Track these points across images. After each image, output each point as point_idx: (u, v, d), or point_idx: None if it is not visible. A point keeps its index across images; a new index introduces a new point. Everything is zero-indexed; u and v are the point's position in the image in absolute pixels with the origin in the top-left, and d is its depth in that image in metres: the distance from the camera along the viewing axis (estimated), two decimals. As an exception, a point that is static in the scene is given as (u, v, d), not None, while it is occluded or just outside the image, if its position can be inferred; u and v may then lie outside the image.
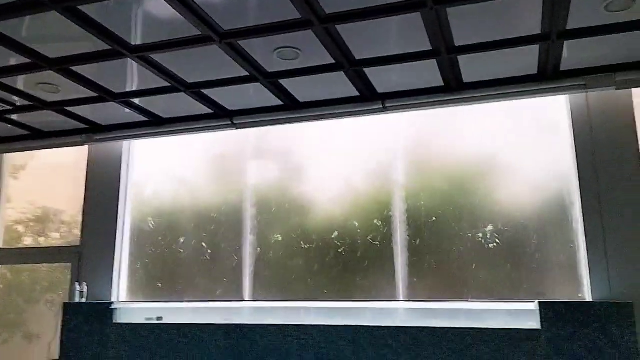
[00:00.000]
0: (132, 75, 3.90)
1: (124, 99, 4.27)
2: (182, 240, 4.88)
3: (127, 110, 4.51)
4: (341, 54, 3.45)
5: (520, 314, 3.70)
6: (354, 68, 3.67)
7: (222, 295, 4.61)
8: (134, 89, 4.13)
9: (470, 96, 3.93)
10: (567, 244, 3.79)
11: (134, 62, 3.60)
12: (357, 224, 4.38)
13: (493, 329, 3.60)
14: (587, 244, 3.67)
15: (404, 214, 4.25)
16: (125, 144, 5.18)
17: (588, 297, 3.62)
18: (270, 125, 4.53)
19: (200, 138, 4.95)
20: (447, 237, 4.10)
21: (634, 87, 3.73)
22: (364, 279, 4.25)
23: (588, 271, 3.64)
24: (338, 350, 3.89)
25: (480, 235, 4.02)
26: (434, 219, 4.17)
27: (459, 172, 4.18)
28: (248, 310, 4.49)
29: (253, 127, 4.59)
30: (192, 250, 4.83)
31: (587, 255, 3.66)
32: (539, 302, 3.56)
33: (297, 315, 4.26)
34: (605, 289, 3.56)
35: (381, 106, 4.11)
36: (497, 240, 3.97)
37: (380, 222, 4.32)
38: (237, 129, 4.60)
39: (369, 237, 4.32)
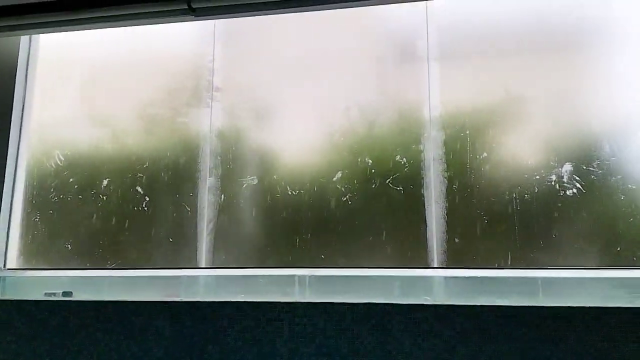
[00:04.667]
0: None
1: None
2: (105, 183, 3.34)
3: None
4: None
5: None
6: None
7: (167, 261, 3.14)
8: None
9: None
10: (680, 189, 2.69)
11: None
12: (370, 161, 3.06)
13: (598, 309, 2.41)
14: None
15: (440, 146, 2.98)
16: (23, 41, 3.54)
17: None
18: (251, 13, 3.09)
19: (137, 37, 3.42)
20: (504, 180, 2.88)
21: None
22: (381, 237, 2.94)
23: None
24: (355, 340, 2.55)
25: (553, 178, 2.83)
26: (485, 154, 2.93)
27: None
28: (206, 281, 3.04)
29: (220, 16, 3.14)
30: (120, 197, 3.31)
31: None
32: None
33: (287, 289, 2.86)
34: None
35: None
36: (578, 185, 2.80)
37: (403, 159, 3.02)
38: (196, 17, 3.12)
39: (388, 180, 3.02)
